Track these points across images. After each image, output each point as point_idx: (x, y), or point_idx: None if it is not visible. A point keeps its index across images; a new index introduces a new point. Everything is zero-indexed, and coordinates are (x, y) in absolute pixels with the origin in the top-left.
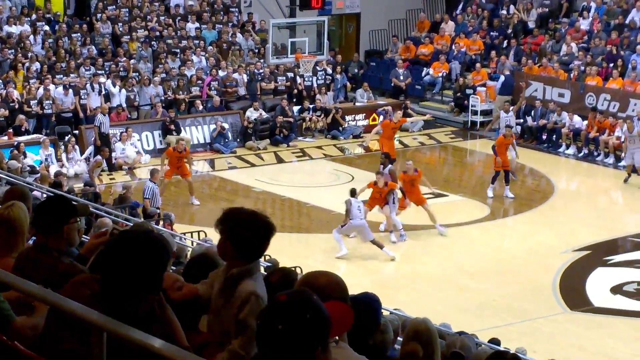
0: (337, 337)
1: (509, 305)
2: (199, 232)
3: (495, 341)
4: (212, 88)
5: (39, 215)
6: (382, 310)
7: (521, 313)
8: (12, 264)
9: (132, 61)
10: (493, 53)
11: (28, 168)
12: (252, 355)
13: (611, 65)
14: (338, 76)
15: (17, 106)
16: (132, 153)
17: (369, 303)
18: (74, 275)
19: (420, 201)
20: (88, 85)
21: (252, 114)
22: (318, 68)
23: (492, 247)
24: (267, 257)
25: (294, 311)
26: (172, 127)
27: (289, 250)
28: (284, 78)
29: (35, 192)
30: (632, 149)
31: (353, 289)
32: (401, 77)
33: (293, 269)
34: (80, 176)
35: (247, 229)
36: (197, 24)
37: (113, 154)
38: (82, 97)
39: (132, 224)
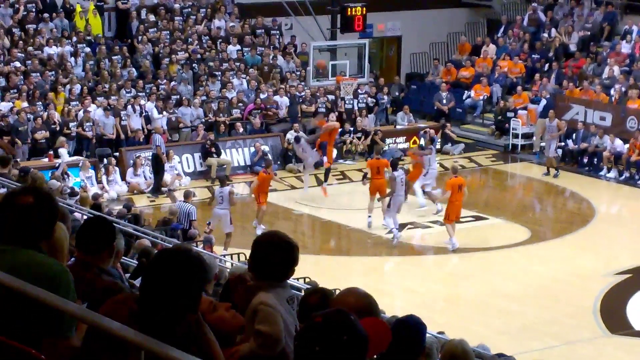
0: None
1: (550, 328)
2: (238, 254)
3: None
4: (254, 114)
5: (82, 236)
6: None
7: (562, 336)
8: None
9: (172, 83)
10: (535, 76)
11: (68, 190)
12: None
13: None
14: (385, 97)
15: (57, 128)
16: (172, 175)
17: (414, 326)
18: (114, 293)
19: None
20: (129, 107)
21: (292, 136)
22: (359, 91)
23: (532, 270)
24: (307, 279)
25: (330, 332)
26: (213, 149)
27: (329, 273)
28: (325, 99)
29: (75, 214)
30: None
31: (394, 311)
32: (444, 101)
33: (332, 290)
34: (121, 198)
35: (264, 248)
36: (238, 47)
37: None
38: (123, 119)
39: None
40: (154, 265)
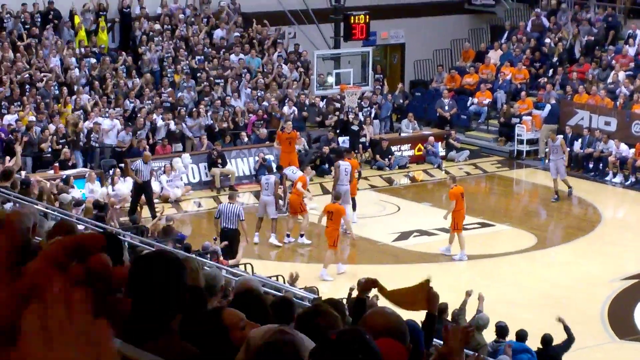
0: None
1: (556, 335)
2: (245, 264)
3: (522, 334)
4: (257, 125)
5: None
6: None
7: None
8: None
9: (178, 94)
10: (539, 82)
11: (74, 200)
12: None
13: None
14: (386, 101)
15: (63, 140)
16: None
17: (409, 332)
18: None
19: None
20: (144, 123)
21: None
22: (363, 104)
23: (538, 276)
24: (306, 286)
25: (345, 351)
26: (219, 160)
27: (335, 282)
28: (336, 115)
29: (79, 226)
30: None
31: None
32: (446, 107)
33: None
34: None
35: None
36: (241, 56)
37: (159, 187)
38: (137, 136)
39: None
40: (132, 271)
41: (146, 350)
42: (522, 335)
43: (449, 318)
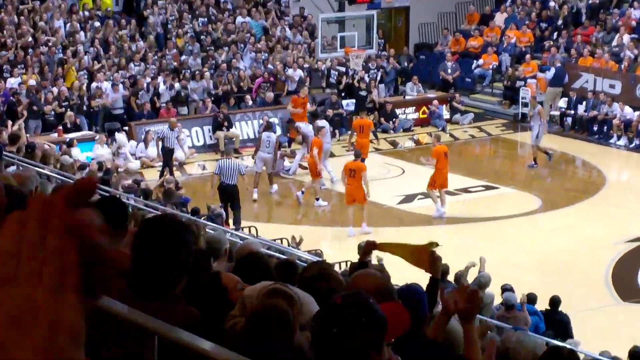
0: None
1: (561, 298)
2: (249, 227)
3: (532, 297)
4: (263, 88)
5: None
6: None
7: (573, 305)
8: None
9: (182, 57)
10: (544, 45)
11: (78, 163)
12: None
13: None
14: (391, 65)
15: (66, 103)
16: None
17: (412, 295)
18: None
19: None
20: (144, 87)
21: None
22: (370, 66)
23: (543, 239)
24: (313, 250)
25: (349, 314)
26: (225, 122)
27: (340, 244)
28: (336, 73)
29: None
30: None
31: (403, 281)
32: (449, 70)
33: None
34: (132, 173)
35: None
36: (248, 18)
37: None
38: (139, 97)
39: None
40: (138, 235)
41: (150, 312)
42: (531, 298)
43: (452, 279)
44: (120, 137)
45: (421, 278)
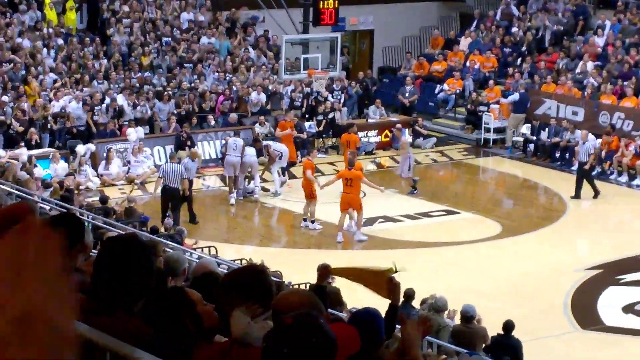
0: None
1: (520, 324)
2: (209, 247)
3: (509, 324)
4: (226, 106)
5: None
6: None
7: (532, 331)
8: None
9: (146, 74)
10: (508, 70)
11: (44, 181)
12: None
13: (625, 83)
14: (353, 90)
15: (28, 120)
16: (143, 168)
17: (370, 318)
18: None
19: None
20: (103, 105)
21: (259, 129)
22: (335, 87)
23: (503, 265)
24: (272, 271)
25: (299, 335)
26: (188, 142)
27: (298, 267)
28: (301, 96)
29: (43, 206)
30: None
31: (362, 305)
32: (407, 94)
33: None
34: (92, 191)
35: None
36: (212, 39)
37: (124, 168)
38: (95, 112)
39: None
40: (100, 254)
41: (106, 328)
42: (510, 326)
43: (417, 304)
44: (80, 149)
45: (381, 304)
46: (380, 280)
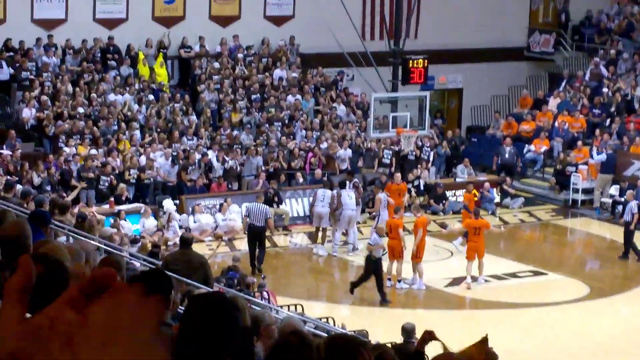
0: None
1: None
2: (295, 305)
3: None
4: (314, 164)
5: None
6: None
7: None
8: None
9: (235, 132)
10: (596, 131)
11: (132, 236)
12: None
13: None
14: (442, 150)
15: (118, 175)
16: (234, 224)
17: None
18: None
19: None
20: (195, 160)
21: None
22: (425, 144)
23: (591, 327)
24: (357, 330)
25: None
26: (275, 198)
27: (389, 326)
28: (390, 152)
29: (135, 263)
30: None
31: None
32: (507, 155)
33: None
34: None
35: None
36: (298, 96)
37: (212, 224)
38: (189, 172)
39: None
40: (186, 312)
41: None
42: None
43: None
44: (168, 204)
45: None
46: (475, 354)
